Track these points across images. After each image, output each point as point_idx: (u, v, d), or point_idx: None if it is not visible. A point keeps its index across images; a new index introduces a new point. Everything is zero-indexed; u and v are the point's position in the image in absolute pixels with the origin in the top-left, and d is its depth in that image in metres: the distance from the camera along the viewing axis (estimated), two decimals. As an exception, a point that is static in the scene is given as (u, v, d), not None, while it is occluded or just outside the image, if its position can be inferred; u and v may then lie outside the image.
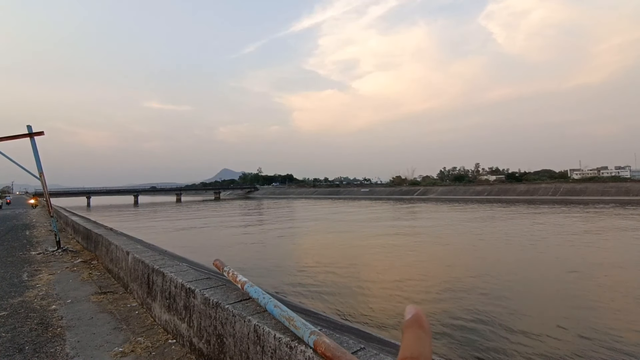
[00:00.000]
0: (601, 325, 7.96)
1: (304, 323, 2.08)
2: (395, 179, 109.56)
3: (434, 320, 8.38)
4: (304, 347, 1.98)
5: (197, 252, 17.82)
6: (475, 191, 75.98)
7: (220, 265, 3.57)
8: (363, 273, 13.30)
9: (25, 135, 9.66)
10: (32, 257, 9.13)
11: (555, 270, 12.68)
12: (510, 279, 11.81)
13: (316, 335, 1.92)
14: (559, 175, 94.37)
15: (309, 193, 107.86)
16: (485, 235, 21.53)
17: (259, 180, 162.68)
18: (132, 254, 5.36)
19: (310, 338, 1.93)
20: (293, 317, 2.17)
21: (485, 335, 7.56)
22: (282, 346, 2.12)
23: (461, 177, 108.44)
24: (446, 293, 10.49)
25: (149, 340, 3.69)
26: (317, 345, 1.86)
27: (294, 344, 2.04)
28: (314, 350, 1.90)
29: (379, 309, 9.39)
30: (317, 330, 1.99)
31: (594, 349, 6.85)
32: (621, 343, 7.05)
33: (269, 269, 14.07)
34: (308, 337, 1.95)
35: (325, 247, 19.54)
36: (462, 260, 15.02)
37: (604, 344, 7.02)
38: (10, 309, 4.87)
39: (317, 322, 5.66)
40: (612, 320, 8.29)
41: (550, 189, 65.66)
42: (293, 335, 2.14)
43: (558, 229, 23.09)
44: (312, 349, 1.91)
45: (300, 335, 2.03)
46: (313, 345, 1.89)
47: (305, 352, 1.95)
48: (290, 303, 8.92)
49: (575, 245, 17.32)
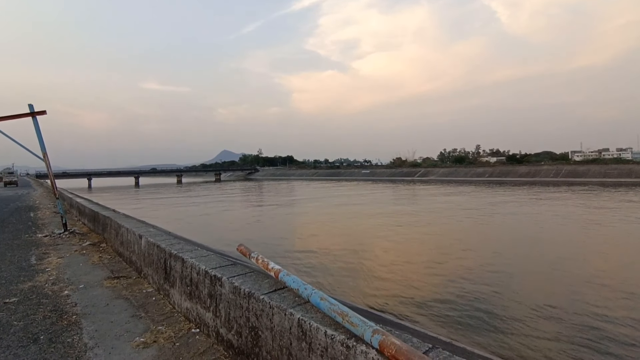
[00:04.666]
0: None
1: (362, 320, 1.84)
2: (395, 161, 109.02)
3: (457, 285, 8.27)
4: (364, 348, 1.75)
5: (205, 233, 17.71)
6: (476, 173, 75.71)
7: (246, 251, 3.34)
8: (371, 254, 13.18)
9: (27, 115, 9.32)
10: (39, 240, 8.93)
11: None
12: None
13: (381, 335, 1.69)
14: (560, 157, 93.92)
15: (310, 175, 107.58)
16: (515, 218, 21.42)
17: (259, 161, 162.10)
18: (145, 238, 5.13)
19: (374, 338, 1.70)
20: (347, 313, 1.94)
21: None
22: (335, 344, 1.90)
23: (462, 159, 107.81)
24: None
25: (170, 329, 3.50)
26: (384, 347, 1.63)
27: (351, 343, 1.81)
28: (378, 352, 1.67)
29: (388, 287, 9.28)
30: (380, 328, 1.76)
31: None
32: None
33: (274, 250, 13.95)
34: (371, 337, 1.72)
35: (329, 229, 19.41)
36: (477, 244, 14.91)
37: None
38: (21, 295, 4.68)
39: None
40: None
41: (552, 171, 65.40)
42: (348, 332, 1.91)
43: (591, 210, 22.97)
44: (377, 350, 1.68)
45: (360, 333, 1.80)
46: (378, 347, 1.66)
47: (368, 353, 1.72)
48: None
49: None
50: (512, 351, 6.21)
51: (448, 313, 7.85)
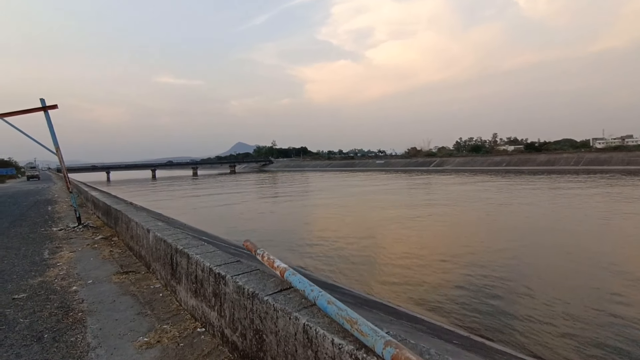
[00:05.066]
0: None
1: (373, 329, 1.64)
2: (410, 151, 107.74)
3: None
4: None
5: (219, 223, 17.77)
6: (494, 162, 74.28)
7: (252, 247, 3.16)
8: (391, 246, 12.96)
9: (38, 109, 9.32)
10: (54, 234, 9.00)
11: None
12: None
13: (394, 348, 1.48)
14: (580, 145, 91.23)
15: (324, 165, 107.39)
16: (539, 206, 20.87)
17: (274, 153, 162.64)
18: (152, 232, 5.03)
19: (386, 351, 1.49)
20: (356, 320, 1.74)
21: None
22: (343, 355, 1.70)
23: (478, 148, 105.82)
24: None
25: (175, 328, 3.37)
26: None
27: (361, 355, 1.61)
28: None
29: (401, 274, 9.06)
30: (392, 339, 1.55)
31: None
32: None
33: (289, 240, 13.86)
34: (382, 349, 1.52)
35: (347, 221, 19.23)
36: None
37: None
38: (30, 291, 4.64)
39: (343, 299, 5.27)
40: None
41: (572, 159, 63.61)
42: (357, 342, 1.71)
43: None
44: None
45: (370, 344, 1.60)
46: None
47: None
48: (311, 276, 8.67)
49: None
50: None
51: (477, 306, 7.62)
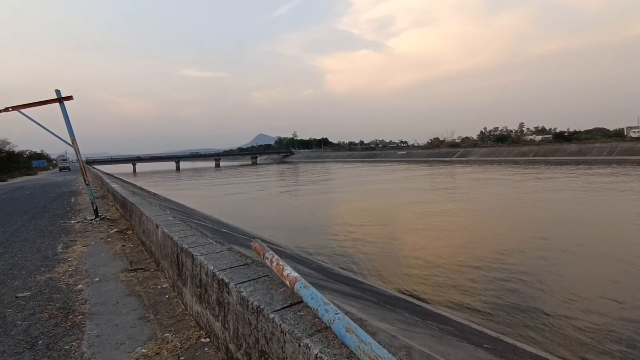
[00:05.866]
0: None
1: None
2: (433, 141, 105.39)
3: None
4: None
5: (237, 212, 17.63)
6: (520, 152, 71.70)
7: (261, 249, 2.77)
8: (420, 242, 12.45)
9: (54, 101, 9.23)
10: (71, 226, 8.94)
11: None
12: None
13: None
14: (614, 134, 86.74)
15: (345, 157, 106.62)
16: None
17: (295, 144, 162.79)
18: (161, 228, 4.73)
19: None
20: (384, 358, 1.32)
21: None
22: (366, 406, 1.29)
23: (504, 138, 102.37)
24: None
25: (178, 337, 3.03)
26: None
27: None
28: None
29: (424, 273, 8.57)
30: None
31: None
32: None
33: (310, 231, 13.54)
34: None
35: (372, 213, 18.75)
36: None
37: None
38: (36, 289, 4.43)
39: (362, 295, 4.80)
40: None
41: (605, 149, 60.57)
42: (385, 390, 1.30)
43: None
44: None
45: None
46: None
47: None
48: (331, 270, 8.29)
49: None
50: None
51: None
